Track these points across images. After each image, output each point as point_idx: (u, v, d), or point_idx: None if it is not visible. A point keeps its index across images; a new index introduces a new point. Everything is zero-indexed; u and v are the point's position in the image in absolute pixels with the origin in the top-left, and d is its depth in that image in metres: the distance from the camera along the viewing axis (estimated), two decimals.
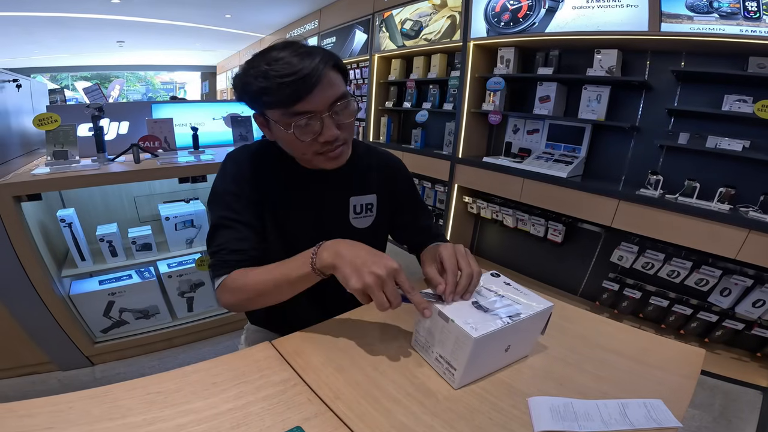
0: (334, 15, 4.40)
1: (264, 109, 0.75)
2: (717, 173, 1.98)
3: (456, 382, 0.66)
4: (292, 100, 0.69)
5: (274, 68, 0.68)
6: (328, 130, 0.74)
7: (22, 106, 1.94)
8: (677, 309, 2.13)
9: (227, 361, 0.72)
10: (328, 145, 0.77)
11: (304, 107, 0.71)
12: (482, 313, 0.66)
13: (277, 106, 0.72)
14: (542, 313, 0.69)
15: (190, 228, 1.96)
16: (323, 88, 0.70)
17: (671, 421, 0.62)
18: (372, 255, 0.66)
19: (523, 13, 2.41)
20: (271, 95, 0.70)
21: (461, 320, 0.63)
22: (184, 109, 2.26)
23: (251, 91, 0.72)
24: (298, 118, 0.72)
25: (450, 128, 3.02)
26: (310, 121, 0.72)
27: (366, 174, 0.95)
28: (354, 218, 0.94)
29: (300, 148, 0.77)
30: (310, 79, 0.68)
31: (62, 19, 4.99)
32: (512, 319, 0.65)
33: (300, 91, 0.68)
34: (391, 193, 0.99)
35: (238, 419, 0.59)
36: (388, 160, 1.01)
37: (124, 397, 0.62)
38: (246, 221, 0.84)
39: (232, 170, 0.86)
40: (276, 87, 0.68)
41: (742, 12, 1.70)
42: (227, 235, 0.82)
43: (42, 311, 1.64)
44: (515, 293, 0.73)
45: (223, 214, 0.83)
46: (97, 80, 10.37)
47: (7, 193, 1.44)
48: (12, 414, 0.57)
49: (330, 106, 0.73)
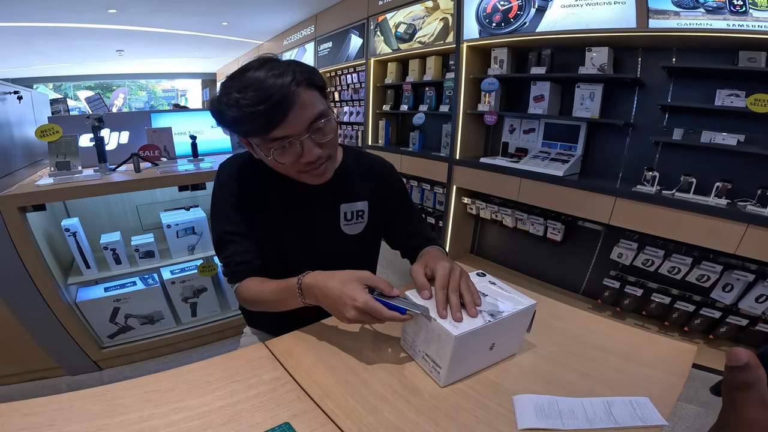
0: (330, 20, 4.44)
1: (241, 136, 0.76)
2: (713, 168, 1.98)
3: (442, 380, 0.67)
4: (266, 128, 0.69)
5: (245, 96, 0.66)
6: (309, 151, 0.73)
7: (25, 117, 1.98)
8: (680, 306, 2.12)
9: (221, 361, 0.74)
10: (311, 164, 0.77)
11: (281, 133, 0.70)
12: (464, 311, 0.68)
13: (252, 135, 0.72)
14: (525, 310, 0.71)
15: (192, 235, 1.99)
16: (298, 111, 0.69)
17: (657, 419, 0.62)
18: (340, 292, 0.67)
19: (514, 14, 2.42)
20: (245, 125, 0.70)
21: (443, 319, 0.66)
22: (182, 118, 2.30)
23: (225, 120, 0.71)
24: (277, 143, 0.71)
25: (447, 130, 3.04)
26: (289, 146, 0.72)
27: (357, 181, 0.96)
28: (345, 225, 0.96)
29: (283, 169, 0.79)
30: (283, 104, 0.67)
31: (61, 29, 5.05)
32: (494, 317, 0.67)
33: (274, 119, 0.67)
34: (383, 199, 1.00)
35: (229, 416, 0.61)
36: (379, 166, 1.01)
37: (123, 396, 0.65)
38: (245, 233, 0.89)
39: (227, 181, 0.90)
40: (248, 116, 0.67)
41: (728, 6, 1.71)
42: (231, 249, 0.89)
43: (50, 318, 1.68)
44: (499, 292, 0.75)
45: (225, 229, 0.89)
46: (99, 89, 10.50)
47: (12, 204, 1.48)
48: (16, 412, 0.60)
49: (308, 127, 0.72)
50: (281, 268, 0.90)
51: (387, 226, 1.05)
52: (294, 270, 0.80)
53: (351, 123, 4.34)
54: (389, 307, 0.68)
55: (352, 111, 4.31)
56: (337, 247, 0.96)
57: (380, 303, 0.68)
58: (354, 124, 4.31)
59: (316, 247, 0.94)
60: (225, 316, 2.16)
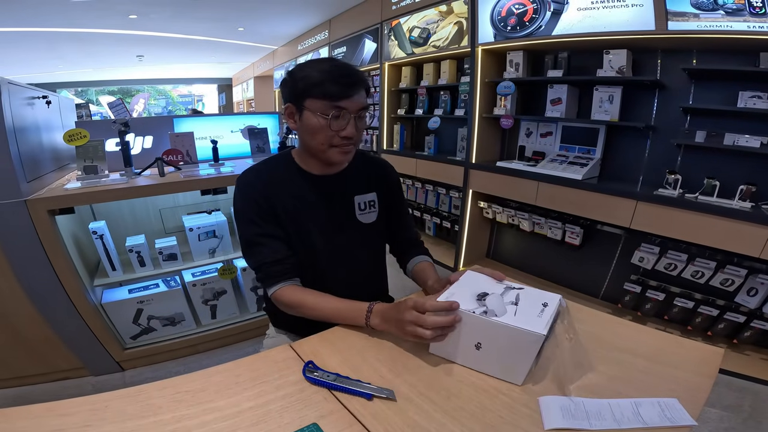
0: (344, 25, 4.48)
1: (310, 97, 0.87)
2: (737, 171, 1.94)
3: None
4: (340, 94, 0.86)
5: (337, 66, 0.87)
6: (351, 128, 0.89)
7: (52, 122, 2.03)
8: (703, 310, 2.07)
9: (248, 362, 0.76)
10: (346, 140, 0.90)
11: (345, 104, 0.87)
12: (478, 302, 0.73)
13: (323, 96, 0.86)
14: (524, 333, 0.67)
15: (213, 238, 2.03)
16: (360, 96, 0.89)
17: (686, 419, 0.61)
18: (397, 321, 0.78)
19: (529, 17, 2.41)
20: (327, 87, 0.85)
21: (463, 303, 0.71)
22: (203, 123, 2.34)
23: (311, 79, 0.86)
24: (336, 110, 0.86)
25: (462, 134, 3.04)
26: (341, 117, 0.88)
27: (365, 175, 1.07)
28: (360, 214, 1.05)
29: (323, 137, 0.90)
30: (359, 85, 0.88)
31: (84, 35, 5.23)
32: (486, 314, 0.69)
33: (349, 90, 0.86)
34: (386, 192, 1.11)
35: (258, 416, 0.63)
36: (379, 162, 1.15)
37: (155, 396, 0.67)
38: (272, 233, 0.95)
39: (247, 190, 0.97)
40: (334, 80, 0.85)
41: (747, 8, 1.67)
42: (262, 251, 0.94)
43: (76, 319, 1.73)
44: (528, 305, 0.74)
45: (252, 231, 0.95)
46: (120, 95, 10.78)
47: (42, 207, 1.52)
48: (51, 413, 0.62)
49: (358, 111, 0.90)
50: (308, 258, 0.99)
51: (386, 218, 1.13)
52: (320, 259, 1.00)
53: (366, 127, 4.35)
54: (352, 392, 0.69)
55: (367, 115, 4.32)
56: (356, 236, 1.05)
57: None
58: (369, 128, 4.32)
59: (337, 237, 1.02)
60: (243, 319, 2.19)
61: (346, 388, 0.67)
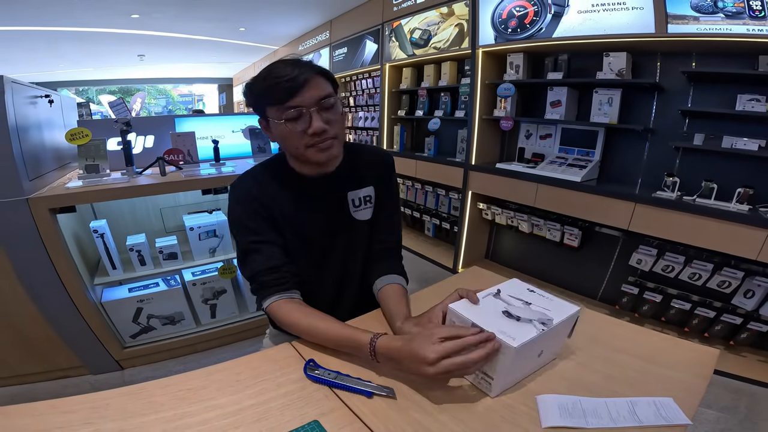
0: (345, 26, 4.49)
1: (265, 106, 0.87)
2: (734, 173, 1.95)
3: (493, 391, 0.68)
4: (285, 96, 0.83)
5: (272, 73, 0.84)
6: (316, 122, 0.84)
7: (54, 121, 2.03)
8: (700, 312, 2.09)
9: (250, 360, 0.77)
10: (317, 137, 0.86)
11: (295, 102, 0.83)
12: (515, 321, 0.68)
13: (274, 103, 0.84)
14: (571, 317, 0.72)
15: (213, 238, 2.04)
16: (310, 88, 0.84)
17: (681, 418, 0.62)
18: (412, 361, 0.67)
19: (530, 19, 2.42)
20: (270, 94, 0.84)
21: (498, 331, 0.65)
22: (204, 123, 2.35)
23: (257, 92, 0.86)
24: (291, 111, 0.83)
25: (462, 135, 3.05)
26: (300, 115, 0.84)
27: (359, 169, 1.03)
28: (354, 211, 1.02)
29: (293, 141, 0.87)
30: (299, 80, 0.82)
31: (85, 34, 5.21)
32: (545, 325, 0.67)
33: (291, 89, 0.82)
34: (384, 185, 1.06)
35: (259, 414, 0.63)
36: (379, 153, 1.10)
37: (158, 394, 0.67)
38: (268, 239, 0.92)
39: (241, 195, 0.94)
40: (274, 86, 0.82)
41: (747, 11, 1.69)
42: (257, 259, 0.90)
43: (76, 317, 1.73)
44: (541, 299, 0.76)
45: (247, 239, 0.92)
46: (120, 94, 10.78)
47: (43, 205, 1.53)
48: (53, 411, 0.63)
49: (317, 102, 0.84)
50: (305, 261, 0.97)
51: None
52: (317, 261, 0.99)
53: (366, 128, 4.37)
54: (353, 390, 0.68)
55: (367, 116, 4.34)
56: (352, 233, 1.02)
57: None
58: (369, 129, 4.34)
59: (334, 236, 1.00)
60: (243, 318, 2.20)
61: (347, 386, 0.68)
